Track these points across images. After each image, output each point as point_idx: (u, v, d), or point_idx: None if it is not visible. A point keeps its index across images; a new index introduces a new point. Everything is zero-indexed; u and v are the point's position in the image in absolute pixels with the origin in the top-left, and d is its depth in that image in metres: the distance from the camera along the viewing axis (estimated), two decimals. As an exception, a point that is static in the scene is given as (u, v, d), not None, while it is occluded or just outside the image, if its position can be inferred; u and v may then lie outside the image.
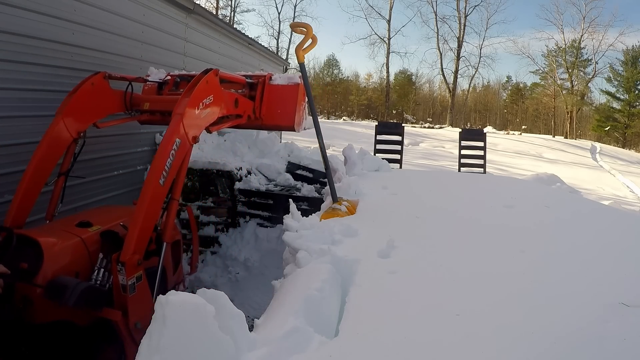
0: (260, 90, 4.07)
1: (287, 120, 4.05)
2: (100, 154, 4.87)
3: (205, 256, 5.90)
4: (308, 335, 1.74)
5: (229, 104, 3.67)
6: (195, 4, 6.61)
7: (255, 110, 4.03)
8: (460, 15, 41.91)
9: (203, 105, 3.28)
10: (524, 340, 1.77)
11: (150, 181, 2.98)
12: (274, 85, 4.08)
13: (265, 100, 4.06)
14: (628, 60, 40.94)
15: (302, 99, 4.12)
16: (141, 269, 2.82)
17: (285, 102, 4.05)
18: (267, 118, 4.08)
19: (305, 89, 4.15)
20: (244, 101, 3.92)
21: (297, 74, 4.11)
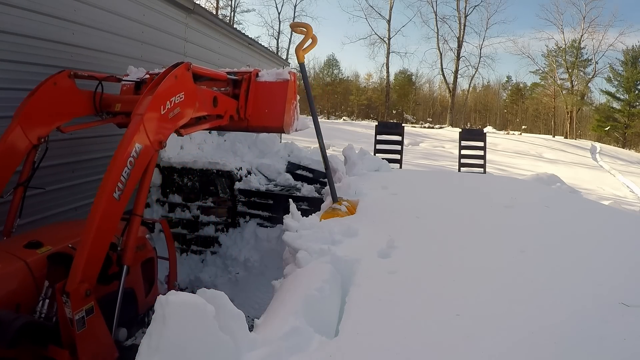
0: (245, 88, 3.69)
1: (275, 121, 3.70)
2: (100, 154, 4.87)
3: (205, 256, 5.91)
4: (308, 335, 1.74)
5: (205, 102, 3.27)
6: (195, 4, 6.61)
7: (240, 110, 3.65)
8: (460, 15, 41.92)
9: (171, 104, 2.86)
10: (524, 340, 1.76)
11: (102, 195, 2.50)
12: (261, 83, 3.72)
13: (251, 98, 3.69)
14: (628, 60, 40.93)
15: (293, 97, 3.76)
16: (91, 300, 2.37)
17: (273, 100, 3.69)
18: (253, 119, 3.73)
19: (305, 89, 4.14)
20: (225, 100, 3.54)
21: (286, 69, 3.80)
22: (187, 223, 6.01)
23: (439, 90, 54.70)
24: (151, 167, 2.86)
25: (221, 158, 6.18)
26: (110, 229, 2.54)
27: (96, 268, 2.47)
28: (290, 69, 3.88)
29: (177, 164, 5.93)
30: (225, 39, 8.36)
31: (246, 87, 3.70)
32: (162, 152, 5.92)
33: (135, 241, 2.82)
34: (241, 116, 3.69)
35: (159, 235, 5.98)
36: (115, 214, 2.56)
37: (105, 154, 4.96)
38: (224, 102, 3.52)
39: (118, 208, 2.56)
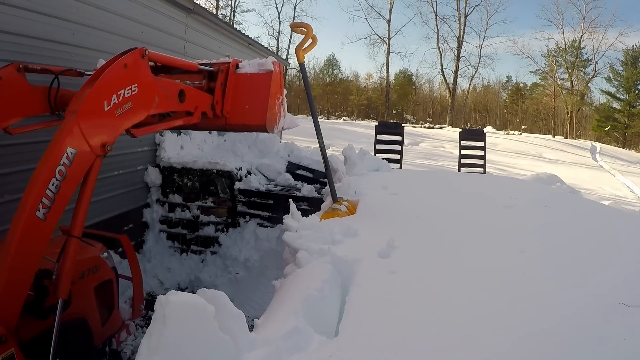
0: (222, 81, 3.24)
1: (257, 119, 3.26)
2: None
3: (205, 256, 5.91)
4: (308, 335, 1.74)
5: (169, 97, 2.81)
6: (195, 4, 6.61)
7: (216, 106, 3.20)
8: (460, 15, 41.92)
9: (119, 99, 2.40)
10: (524, 340, 1.76)
11: (21, 215, 2.08)
12: (241, 75, 3.29)
13: (229, 93, 3.25)
14: (628, 60, 40.93)
15: (278, 91, 3.34)
16: (11, 346, 2.00)
17: (254, 95, 3.28)
18: (232, 116, 3.29)
19: (305, 89, 4.13)
20: (196, 94, 3.09)
21: (270, 59, 3.40)
22: (187, 223, 6.01)
23: (439, 90, 54.75)
24: (92, 177, 2.40)
25: (221, 158, 6.18)
26: (33, 256, 2.10)
27: (15, 305, 2.04)
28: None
29: (177, 164, 5.94)
30: (225, 39, 8.36)
31: (223, 80, 3.26)
32: (162, 152, 5.94)
33: (72, 269, 2.32)
34: (217, 113, 3.24)
35: (158, 235, 6.00)
36: (40, 237, 2.11)
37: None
38: (194, 96, 3.06)
39: (44, 229, 2.12)
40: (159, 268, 5.62)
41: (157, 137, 5.99)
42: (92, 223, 4.81)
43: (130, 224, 5.62)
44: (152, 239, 5.95)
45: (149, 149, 5.90)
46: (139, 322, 4.65)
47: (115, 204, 5.22)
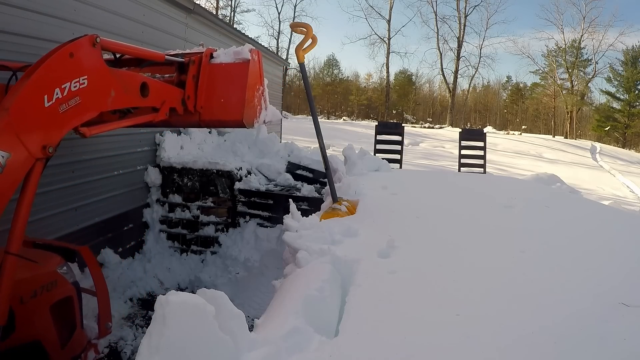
0: (194, 73, 2.98)
1: (233, 114, 2.99)
2: (100, 154, 4.87)
3: (205, 256, 5.91)
4: (308, 335, 1.73)
5: (128, 91, 2.53)
6: (195, 4, 6.61)
7: (187, 101, 2.94)
8: (460, 15, 41.93)
9: (63, 93, 2.10)
10: (524, 340, 1.76)
11: None
12: (215, 65, 3.04)
13: (202, 86, 2.98)
14: (628, 60, 40.93)
15: (257, 81, 3.08)
16: None
17: (230, 87, 3.00)
18: (206, 111, 3.04)
19: (305, 89, 4.13)
20: (162, 88, 2.81)
21: (247, 46, 3.15)
22: (187, 223, 6.01)
23: (439, 90, 54.76)
24: (32, 183, 2.16)
25: (221, 158, 6.18)
26: None
27: None
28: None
29: (177, 164, 5.94)
30: (225, 39, 8.36)
31: (195, 72, 2.98)
32: (162, 152, 5.94)
33: (10, 290, 2.10)
34: (190, 109, 2.99)
35: (158, 235, 6.00)
36: None
37: (105, 154, 4.96)
38: (160, 90, 2.78)
39: None
40: (159, 268, 5.62)
41: (157, 137, 6.00)
42: (92, 223, 4.81)
43: (130, 224, 5.62)
44: (152, 239, 5.96)
45: (149, 149, 5.90)
46: (139, 322, 4.66)
47: (115, 204, 5.22)
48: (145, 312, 4.85)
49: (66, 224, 4.40)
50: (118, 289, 4.94)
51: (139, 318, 4.74)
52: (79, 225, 4.58)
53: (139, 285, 5.22)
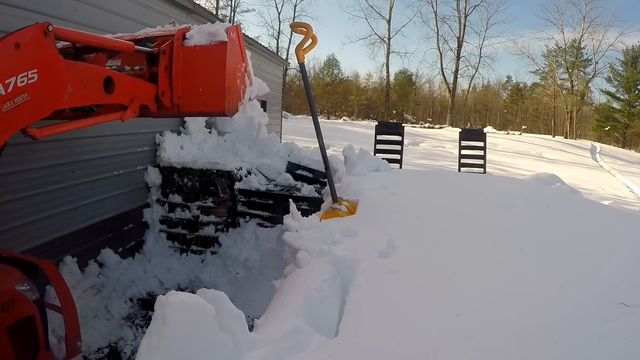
0: (167, 64, 2.68)
1: (214, 105, 2.76)
2: (100, 154, 4.87)
3: (205, 256, 5.91)
4: (308, 335, 1.73)
5: (89, 86, 2.28)
6: (195, 4, 6.61)
7: (162, 98, 2.68)
8: (460, 15, 41.96)
9: (7, 89, 1.90)
10: (524, 340, 1.76)
11: None
12: (190, 49, 2.72)
13: (177, 76, 2.70)
14: (628, 60, 40.94)
15: (238, 61, 2.81)
16: None
17: (208, 74, 2.72)
18: (185, 102, 2.78)
19: (305, 89, 4.12)
20: (131, 83, 2.57)
21: (224, 24, 2.86)
22: (187, 223, 6.01)
23: (439, 90, 54.79)
24: None
25: (221, 158, 6.18)
26: None
27: None
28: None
29: (177, 164, 5.94)
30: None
31: (167, 63, 2.68)
32: (162, 152, 5.94)
33: None
34: (166, 104, 2.73)
35: (158, 235, 6.00)
36: None
37: (105, 154, 4.96)
38: (128, 85, 2.52)
39: None
40: (159, 268, 5.62)
41: (157, 137, 6.00)
42: (92, 223, 4.81)
43: (130, 224, 5.63)
44: (152, 239, 5.96)
45: (149, 149, 5.90)
46: (139, 322, 4.66)
47: (115, 204, 5.22)
48: (145, 312, 4.85)
49: (66, 224, 4.40)
50: (118, 289, 4.94)
51: (139, 318, 4.74)
52: (79, 225, 4.58)
53: (139, 285, 5.22)
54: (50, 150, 4.07)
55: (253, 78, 3.11)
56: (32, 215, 3.92)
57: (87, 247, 4.73)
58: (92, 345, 4.14)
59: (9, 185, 3.65)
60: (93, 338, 4.20)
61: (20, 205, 3.78)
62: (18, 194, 3.75)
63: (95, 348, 4.13)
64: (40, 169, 3.98)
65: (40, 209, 4.02)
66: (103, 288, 4.68)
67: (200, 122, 6.79)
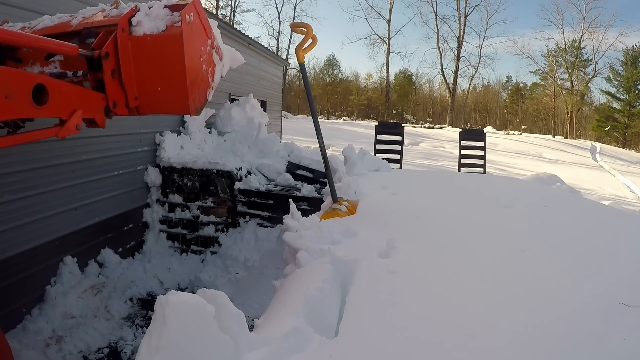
0: (114, 67, 2.25)
1: (176, 106, 2.40)
2: (100, 154, 4.87)
3: (205, 256, 5.91)
4: (308, 335, 1.73)
5: (12, 96, 1.85)
6: (195, 4, 6.60)
7: (115, 108, 2.31)
8: (460, 15, 41.98)
9: None
10: (524, 340, 1.76)
11: None
12: (140, 39, 2.27)
13: (129, 77, 2.30)
14: (628, 60, 40.95)
15: (201, 43, 2.43)
16: None
17: (165, 70, 2.31)
18: (143, 105, 2.41)
19: (305, 89, 4.12)
20: (71, 92, 2.14)
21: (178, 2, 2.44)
22: (187, 223, 6.01)
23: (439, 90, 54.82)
24: None
25: (221, 158, 6.18)
26: None
27: None
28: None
29: (177, 164, 5.94)
30: (225, 38, 8.35)
31: (114, 66, 2.24)
32: (162, 152, 5.95)
33: None
34: (120, 112, 2.37)
35: (158, 235, 6.00)
36: None
37: (105, 154, 4.96)
38: (66, 96, 2.11)
39: None
40: (159, 268, 5.62)
41: (157, 137, 6.00)
42: (92, 223, 4.81)
43: (130, 224, 5.63)
44: (152, 239, 5.96)
45: (149, 149, 5.90)
46: (139, 322, 4.66)
47: (115, 204, 5.22)
48: (145, 312, 4.85)
49: (66, 224, 4.40)
50: (118, 289, 4.94)
51: (139, 318, 4.74)
52: (79, 225, 4.58)
53: (139, 285, 5.22)
54: (50, 150, 4.07)
55: (222, 50, 2.69)
56: (32, 215, 3.92)
57: (87, 247, 4.73)
58: (92, 345, 4.14)
59: (9, 185, 3.65)
60: (93, 338, 4.20)
61: (20, 205, 3.78)
62: (18, 194, 3.75)
63: (95, 348, 4.13)
64: (40, 169, 3.98)
65: (40, 209, 4.02)
66: (103, 288, 4.68)
67: (200, 122, 6.79)
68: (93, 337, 4.21)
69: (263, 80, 11.46)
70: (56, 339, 3.95)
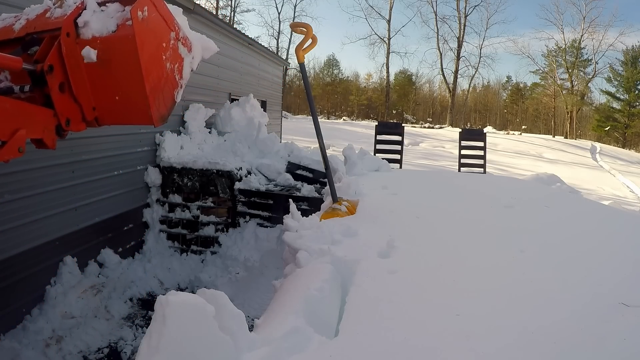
0: (62, 80, 1.99)
1: (137, 115, 2.13)
2: (100, 154, 4.87)
3: (205, 256, 5.91)
4: (308, 335, 1.73)
5: None
6: (195, 4, 6.61)
7: (68, 126, 2.06)
8: (460, 15, 41.97)
9: None
10: (524, 340, 1.76)
11: None
12: (90, 42, 2.00)
13: (81, 84, 2.03)
14: (628, 60, 40.95)
15: (162, 40, 2.11)
16: None
17: (120, 76, 2.03)
18: (103, 116, 2.15)
19: (305, 89, 4.12)
20: (13, 111, 1.86)
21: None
22: (187, 223, 6.01)
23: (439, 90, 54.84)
24: None
25: (221, 158, 6.18)
26: None
27: None
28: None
29: (177, 164, 5.94)
30: (225, 39, 8.36)
31: (62, 78, 1.98)
32: (162, 152, 5.95)
33: None
34: (77, 128, 2.12)
35: (158, 235, 6.00)
36: None
37: (105, 154, 4.96)
38: (6, 114, 1.83)
39: None
40: (159, 268, 5.62)
41: (157, 137, 6.00)
42: (92, 223, 4.81)
43: (130, 224, 5.63)
44: (152, 239, 5.96)
45: (149, 149, 5.90)
46: (139, 322, 4.66)
47: (115, 204, 5.22)
48: (145, 312, 4.85)
49: (66, 224, 4.40)
50: (118, 289, 4.94)
51: (139, 318, 4.74)
52: (79, 225, 4.58)
53: (139, 285, 5.22)
54: (50, 151, 4.06)
55: (191, 41, 2.37)
56: (32, 215, 3.92)
57: (87, 247, 4.73)
58: (92, 345, 4.14)
59: (9, 185, 3.65)
60: (93, 338, 4.20)
61: (20, 205, 3.78)
62: (18, 194, 3.75)
63: (95, 348, 4.13)
64: (40, 169, 3.98)
65: (40, 209, 4.02)
66: (103, 288, 4.68)
67: (200, 122, 6.79)
68: (93, 337, 4.21)
69: (263, 80, 11.46)
70: (56, 339, 3.95)
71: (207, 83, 7.51)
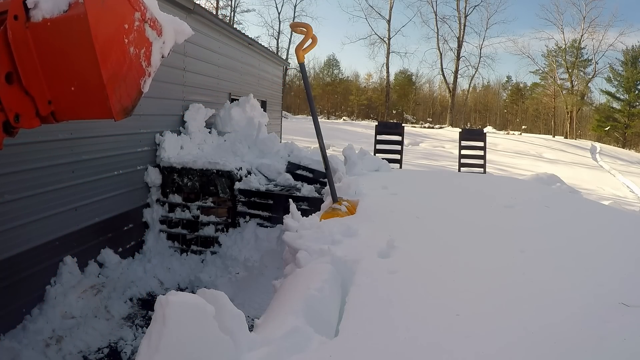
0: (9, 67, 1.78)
1: (95, 108, 1.89)
2: (100, 154, 4.87)
3: (205, 256, 5.91)
4: (308, 335, 1.73)
5: None
6: (195, 4, 6.61)
7: (18, 122, 1.83)
8: (460, 15, 41.99)
9: None
10: (524, 340, 1.76)
11: None
12: (39, 26, 1.77)
13: (32, 71, 1.81)
14: (628, 60, 40.97)
15: (125, 18, 1.89)
16: None
17: (73, 63, 1.81)
18: (60, 110, 1.91)
19: (305, 89, 4.12)
20: None
21: None
22: (187, 223, 6.01)
23: (439, 90, 54.85)
24: None
25: (221, 158, 6.18)
26: None
27: None
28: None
29: (177, 164, 5.94)
30: (225, 39, 8.36)
31: (9, 67, 1.78)
32: (162, 152, 5.95)
33: None
34: (30, 125, 1.89)
35: (158, 235, 6.00)
36: None
37: (105, 154, 4.96)
38: None
39: None
40: (159, 268, 5.62)
41: (157, 137, 6.00)
42: (92, 223, 4.81)
43: (130, 224, 5.63)
44: (152, 239, 5.96)
45: (148, 149, 5.90)
46: (139, 322, 4.66)
47: (115, 204, 5.22)
48: (145, 312, 4.85)
49: (66, 224, 4.40)
50: (118, 289, 4.94)
51: (139, 318, 4.74)
52: (79, 225, 4.58)
53: (139, 285, 5.22)
54: (50, 150, 4.07)
55: (161, 23, 2.12)
56: (32, 215, 3.92)
57: (87, 247, 4.73)
58: (92, 345, 4.14)
59: (9, 185, 3.65)
60: (93, 338, 4.20)
61: (20, 205, 3.78)
62: (18, 194, 3.75)
63: (95, 348, 4.13)
64: (40, 169, 3.98)
65: (40, 209, 4.02)
66: (103, 288, 4.68)
67: (200, 122, 6.79)
68: (93, 337, 4.21)
69: (263, 80, 11.46)
70: (56, 339, 3.95)
71: (207, 83, 7.51)
